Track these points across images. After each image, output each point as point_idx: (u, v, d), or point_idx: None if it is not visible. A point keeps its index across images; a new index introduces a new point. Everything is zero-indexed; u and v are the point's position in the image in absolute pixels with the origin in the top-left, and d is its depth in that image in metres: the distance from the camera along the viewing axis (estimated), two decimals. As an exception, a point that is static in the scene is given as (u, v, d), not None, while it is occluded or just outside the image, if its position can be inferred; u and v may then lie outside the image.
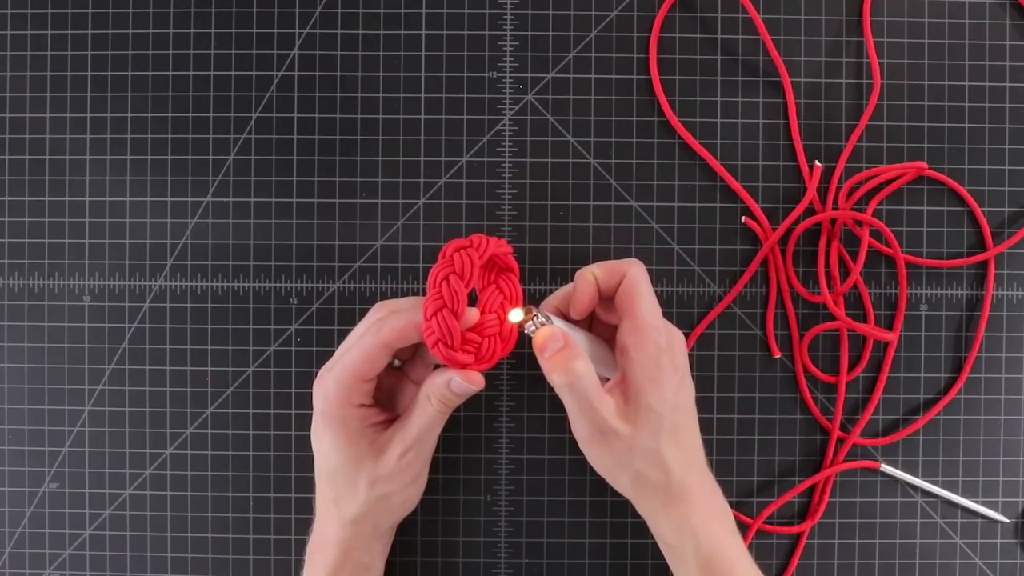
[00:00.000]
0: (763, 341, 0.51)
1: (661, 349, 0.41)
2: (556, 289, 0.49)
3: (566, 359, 0.41)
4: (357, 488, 0.43)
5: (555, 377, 0.41)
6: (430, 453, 0.45)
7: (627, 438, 0.41)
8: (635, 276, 0.42)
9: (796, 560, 0.50)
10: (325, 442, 0.43)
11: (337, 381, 0.42)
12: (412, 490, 0.45)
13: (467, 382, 0.42)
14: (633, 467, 0.42)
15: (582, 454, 0.43)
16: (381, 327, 0.42)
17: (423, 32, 0.50)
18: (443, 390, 0.42)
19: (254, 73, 0.50)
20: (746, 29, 0.50)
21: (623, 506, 0.50)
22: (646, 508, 0.44)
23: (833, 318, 0.49)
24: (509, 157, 0.50)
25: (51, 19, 0.50)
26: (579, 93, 0.50)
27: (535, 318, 0.42)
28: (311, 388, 0.43)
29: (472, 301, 0.43)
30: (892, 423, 0.51)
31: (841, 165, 0.50)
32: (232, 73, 0.50)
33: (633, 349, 0.41)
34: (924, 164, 0.49)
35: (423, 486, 0.46)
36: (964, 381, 0.50)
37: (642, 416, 0.41)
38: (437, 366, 0.45)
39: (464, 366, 0.42)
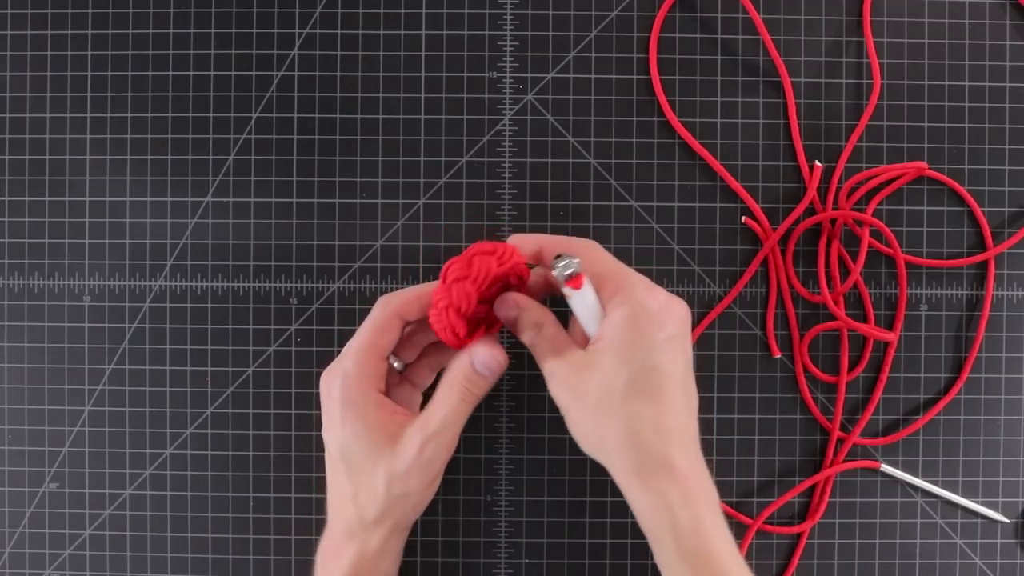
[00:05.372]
0: (763, 341, 0.51)
1: (641, 310, 0.40)
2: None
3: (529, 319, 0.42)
4: (375, 485, 0.41)
5: (523, 336, 0.43)
6: (449, 452, 0.43)
7: (595, 379, 0.40)
8: (586, 249, 0.42)
9: (796, 560, 0.50)
10: (346, 429, 0.42)
11: (356, 360, 0.42)
12: (428, 493, 0.43)
13: (490, 351, 0.42)
14: (604, 417, 0.40)
15: (582, 454, 0.43)
16: (389, 300, 0.43)
17: (423, 32, 0.50)
18: (467, 370, 0.42)
19: (254, 73, 0.50)
20: (746, 29, 0.50)
21: (623, 506, 0.50)
22: (621, 475, 0.41)
23: (833, 318, 0.49)
24: (509, 157, 0.50)
25: (51, 19, 0.50)
26: (579, 93, 0.50)
27: (567, 261, 0.40)
28: (311, 388, 0.43)
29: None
30: (892, 423, 0.51)
31: (841, 165, 0.50)
32: (232, 73, 0.50)
33: (609, 307, 0.41)
34: (924, 164, 0.49)
35: (435, 491, 0.44)
36: (964, 381, 0.50)
37: (609, 364, 0.40)
38: (441, 371, 0.44)
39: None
